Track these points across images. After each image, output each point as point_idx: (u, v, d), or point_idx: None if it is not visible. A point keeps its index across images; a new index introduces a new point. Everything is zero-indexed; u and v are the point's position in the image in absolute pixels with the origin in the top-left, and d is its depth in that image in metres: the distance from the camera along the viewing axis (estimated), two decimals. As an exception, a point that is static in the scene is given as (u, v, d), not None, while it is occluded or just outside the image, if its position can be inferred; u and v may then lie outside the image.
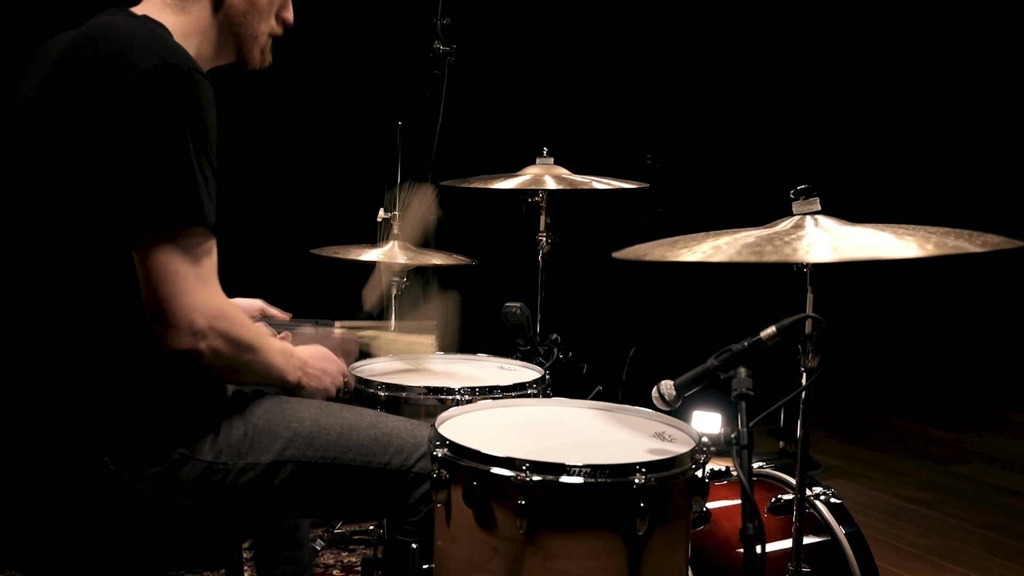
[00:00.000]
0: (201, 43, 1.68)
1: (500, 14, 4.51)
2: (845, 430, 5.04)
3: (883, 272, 4.22)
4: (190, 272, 1.48)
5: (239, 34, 1.73)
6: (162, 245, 1.47)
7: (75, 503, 1.53)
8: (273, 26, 1.78)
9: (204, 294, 1.50)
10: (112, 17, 1.57)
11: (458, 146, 3.56)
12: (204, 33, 1.68)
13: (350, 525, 3.29)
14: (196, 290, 1.49)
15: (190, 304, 1.48)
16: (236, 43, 1.74)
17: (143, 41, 1.49)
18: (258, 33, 1.75)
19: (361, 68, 4.25)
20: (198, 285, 1.49)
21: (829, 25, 5.43)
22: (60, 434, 1.51)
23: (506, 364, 2.39)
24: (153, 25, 1.56)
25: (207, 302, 1.50)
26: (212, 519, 1.62)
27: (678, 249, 1.61)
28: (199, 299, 1.49)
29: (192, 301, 1.48)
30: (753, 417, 1.51)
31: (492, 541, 1.48)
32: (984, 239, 1.51)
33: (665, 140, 4.82)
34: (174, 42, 1.54)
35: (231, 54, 1.76)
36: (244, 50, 1.75)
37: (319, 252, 2.95)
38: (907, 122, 5.69)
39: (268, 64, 1.82)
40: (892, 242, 1.50)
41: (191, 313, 1.48)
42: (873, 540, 2.11)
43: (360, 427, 1.73)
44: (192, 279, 1.48)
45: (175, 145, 1.46)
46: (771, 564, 1.52)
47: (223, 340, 1.52)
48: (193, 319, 1.48)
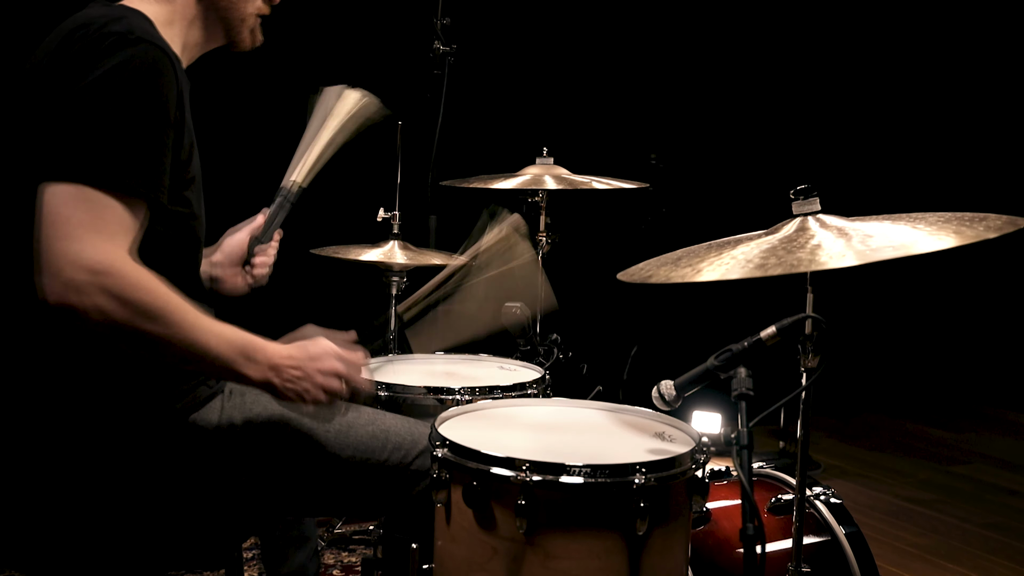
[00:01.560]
0: (187, 29, 1.68)
1: (500, 14, 4.51)
2: (845, 430, 5.04)
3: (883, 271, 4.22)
4: (83, 220, 1.35)
5: (225, 17, 1.72)
6: (58, 190, 1.36)
7: (74, 501, 1.53)
8: (260, 5, 1.76)
9: (92, 244, 1.35)
10: (87, 9, 1.57)
11: (458, 146, 3.57)
12: (190, 19, 1.68)
13: (350, 525, 3.29)
14: (82, 237, 1.34)
15: (69, 251, 1.33)
16: (224, 26, 1.73)
17: (101, 18, 1.48)
18: (245, 15, 1.73)
19: (361, 68, 4.25)
20: (87, 234, 1.35)
21: (829, 25, 5.43)
22: (58, 433, 1.51)
23: (506, 364, 2.39)
24: (123, 11, 1.55)
25: (94, 254, 1.34)
26: (210, 515, 1.62)
27: (682, 268, 1.61)
28: (82, 248, 1.34)
29: (73, 248, 1.34)
30: (753, 417, 1.51)
31: (492, 541, 1.48)
32: (988, 222, 1.50)
33: (666, 140, 4.81)
34: (138, 21, 1.52)
35: (220, 37, 1.75)
36: (232, 32, 1.74)
37: (319, 252, 2.95)
38: (897, 113, 5.70)
39: (259, 43, 1.80)
40: (914, 235, 1.49)
41: (68, 261, 1.33)
42: (873, 540, 2.10)
43: (358, 424, 1.73)
44: (82, 228, 1.35)
45: (114, 105, 1.41)
46: (771, 564, 1.52)
47: (111, 299, 1.34)
48: (68, 269, 1.33)
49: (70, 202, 1.36)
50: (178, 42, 1.65)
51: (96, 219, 1.36)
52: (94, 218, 1.36)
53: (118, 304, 1.35)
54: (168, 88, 1.48)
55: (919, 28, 5.60)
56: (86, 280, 1.33)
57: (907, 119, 5.71)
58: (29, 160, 1.44)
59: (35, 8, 3.47)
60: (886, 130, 5.68)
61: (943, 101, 5.76)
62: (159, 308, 1.38)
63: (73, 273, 1.33)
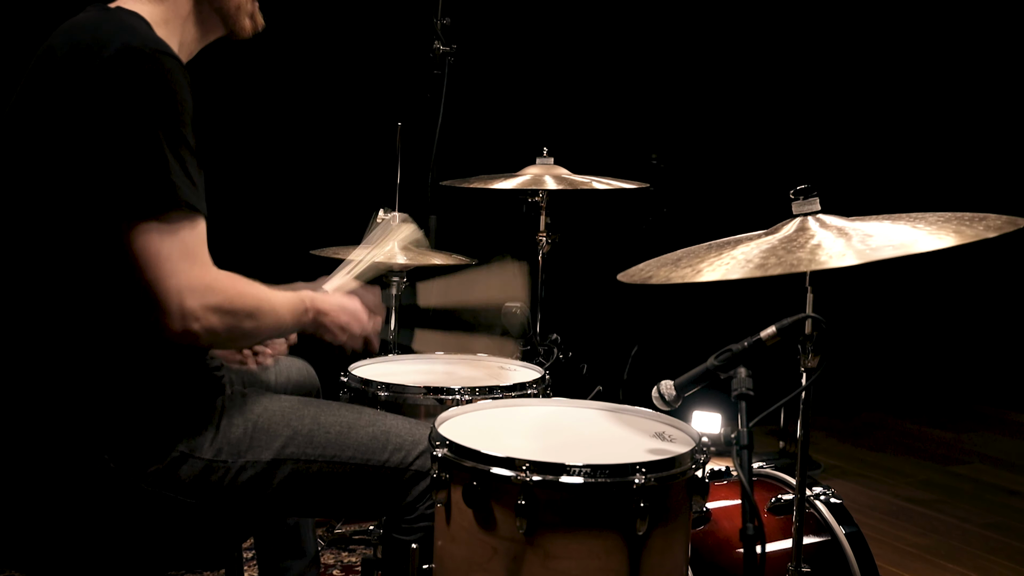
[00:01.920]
0: (184, 26, 1.68)
1: (500, 14, 4.51)
2: (845, 430, 5.04)
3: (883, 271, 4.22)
4: (173, 252, 1.45)
5: (221, 8, 1.72)
6: (142, 229, 1.45)
7: (75, 502, 1.53)
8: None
9: (191, 273, 1.47)
10: (84, 14, 1.57)
11: (458, 146, 3.56)
12: (185, 16, 1.68)
13: (350, 525, 3.29)
14: (181, 270, 1.46)
15: (176, 286, 1.45)
16: (220, 18, 1.73)
17: (107, 30, 1.49)
18: (240, 2, 1.74)
19: (361, 68, 4.25)
20: (182, 264, 1.46)
21: (829, 25, 5.43)
22: (59, 433, 1.51)
23: (506, 364, 2.39)
24: (123, 15, 1.55)
25: (194, 281, 1.47)
26: (212, 518, 1.62)
27: (682, 268, 1.61)
28: (185, 279, 1.46)
29: (179, 283, 1.45)
30: (753, 417, 1.51)
31: (492, 541, 1.48)
32: (987, 222, 1.50)
33: (666, 140, 4.81)
34: (142, 28, 1.53)
35: (219, 29, 1.75)
36: (231, 22, 1.74)
37: (319, 253, 2.95)
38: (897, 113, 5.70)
39: (261, 28, 1.80)
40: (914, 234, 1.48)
41: (179, 295, 1.45)
42: (873, 540, 2.10)
43: (359, 425, 1.73)
44: (176, 259, 1.45)
45: (143, 130, 1.44)
46: (771, 564, 1.52)
47: (218, 316, 1.49)
48: (182, 301, 1.45)
49: (156, 238, 1.45)
50: (174, 41, 1.65)
51: (183, 247, 1.47)
52: (182, 247, 1.47)
53: (226, 315, 1.50)
54: (188, 101, 1.51)
55: (919, 28, 5.60)
56: (198, 305, 1.46)
57: (907, 119, 5.71)
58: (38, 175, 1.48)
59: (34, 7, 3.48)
60: (886, 130, 5.68)
61: (943, 101, 5.76)
62: (255, 306, 1.56)
63: (186, 304, 1.46)
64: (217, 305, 1.49)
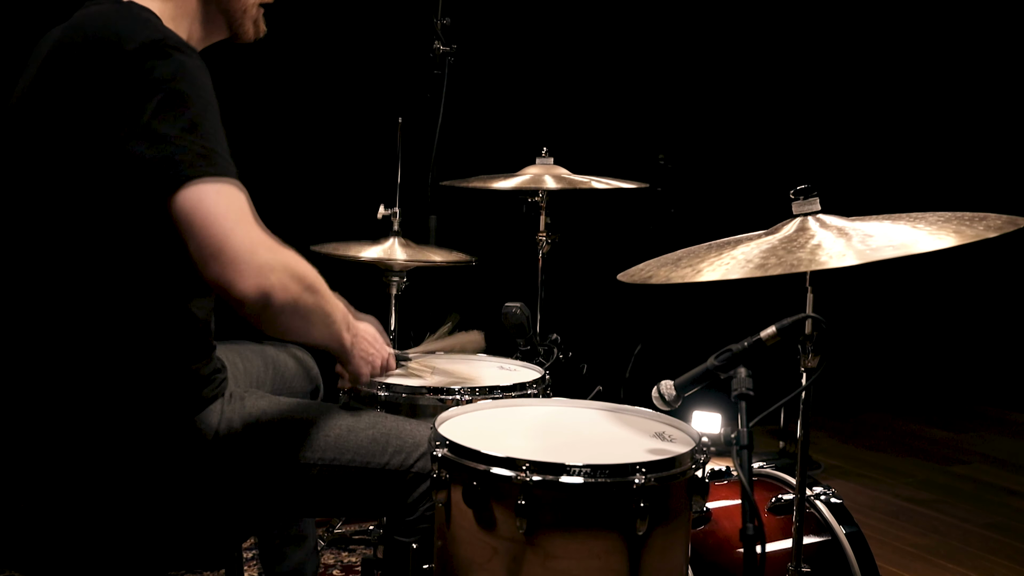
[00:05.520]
0: (191, 25, 1.68)
1: (500, 14, 4.51)
2: (845, 430, 5.04)
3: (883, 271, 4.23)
4: (232, 211, 1.38)
5: (227, 10, 1.72)
6: (200, 193, 1.37)
7: (74, 501, 1.53)
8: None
9: (256, 230, 1.39)
10: (98, 7, 1.57)
11: (458, 146, 3.57)
12: (192, 14, 1.68)
13: (350, 525, 3.29)
14: (249, 226, 1.38)
15: (249, 240, 1.36)
16: (226, 20, 1.73)
17: (128, 24, 1.49)
18: (247, 5, 1.74)
19: (361, 67, 4.25)
20: (246, 223, 1.38)
21: (830, 25, 5.43)
22: (59, 430, 1.51)
23: (506, 364, 2.39)
24: (138, 10, 1.55)
25: (263, 236, 1.39)
26: (212, 518, 1.62)
27: (683, 268, 1.61)
28: (256, 234, 1.38)
29: (250, 234, 1.37)
30: (753, 417, 1.51)
31: (492, 541, 1.48)
32: (988, 222, 1.50)
33: (666, 140, 4.81)
34: (160, 24, 1.53)
35: (222, 30, 1.75)
36: (235, 25, 1.75)
37: (319, 249, 2.95)
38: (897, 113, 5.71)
39: (263, 35, 1.81)
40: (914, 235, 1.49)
41: (252, 248, 1.36)
42: (873, 540, 2.10)
43: (358, 428, 1.73)
44: (239, 218, 1.38)
45: (177, 108, 1.42)
46: (771, 564, 1.52)
47: (289, 275, 1.40)
48: (256, 251, 1.36)
49: (213, 197, 1.37)
50: (183, 38, 1.65)
51: (240, 208, 1.39)
52: (239, 208, 1.39)
53: (294, 280, 1.41)
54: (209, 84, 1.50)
55: (919, 28, 5.60)
56: (271, 258, 1.38)
57: (907, 119, 5.71)
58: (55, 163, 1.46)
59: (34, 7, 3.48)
60: (886, 130, 5.68)
61: (943, 101, 5.76)
62: (315, 280, 1.49)
63: (261, 256, 1.36)
64: (288, 265, 1.41)
